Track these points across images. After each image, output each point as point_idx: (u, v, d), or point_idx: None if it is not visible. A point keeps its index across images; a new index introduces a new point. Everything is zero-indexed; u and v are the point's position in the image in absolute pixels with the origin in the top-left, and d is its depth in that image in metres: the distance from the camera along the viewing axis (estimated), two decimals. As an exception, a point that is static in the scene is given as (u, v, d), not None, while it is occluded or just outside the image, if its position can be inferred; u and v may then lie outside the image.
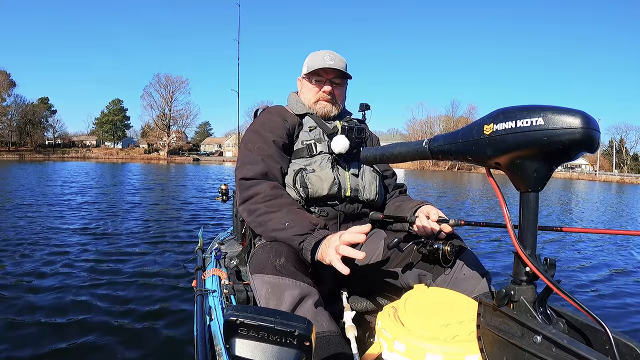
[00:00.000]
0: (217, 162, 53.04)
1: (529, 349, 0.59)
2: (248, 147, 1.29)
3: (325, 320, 0.94)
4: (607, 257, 4.52)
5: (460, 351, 0.72)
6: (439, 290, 0.94)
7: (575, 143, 0.54)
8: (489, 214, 8.56)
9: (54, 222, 5.21)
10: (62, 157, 50.98)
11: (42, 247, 3.82)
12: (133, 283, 2.87)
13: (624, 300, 3.06)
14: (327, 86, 1.38)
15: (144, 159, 54.49)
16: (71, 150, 61.02)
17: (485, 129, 0.61)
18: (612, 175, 51.13)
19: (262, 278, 1.00)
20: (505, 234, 5.10)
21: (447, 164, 50.65)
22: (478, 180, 28.86)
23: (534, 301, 0.63)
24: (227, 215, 6.22)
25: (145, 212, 6.50)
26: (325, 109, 1.40)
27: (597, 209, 10.82)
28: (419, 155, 0.76)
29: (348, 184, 1.31)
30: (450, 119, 64.35)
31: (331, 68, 1.35)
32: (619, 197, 17.60)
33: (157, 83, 60.05)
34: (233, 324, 0.62)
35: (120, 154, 60.76)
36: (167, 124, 60.88)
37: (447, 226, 1.14)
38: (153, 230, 4.90)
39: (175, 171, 23.03)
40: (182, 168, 29.30)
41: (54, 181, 12.55)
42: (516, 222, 0.65)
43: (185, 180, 15.27)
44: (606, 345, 0.58)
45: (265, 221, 1.14)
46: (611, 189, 26.91)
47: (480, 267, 1.15)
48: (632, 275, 3.84)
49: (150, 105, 59.88)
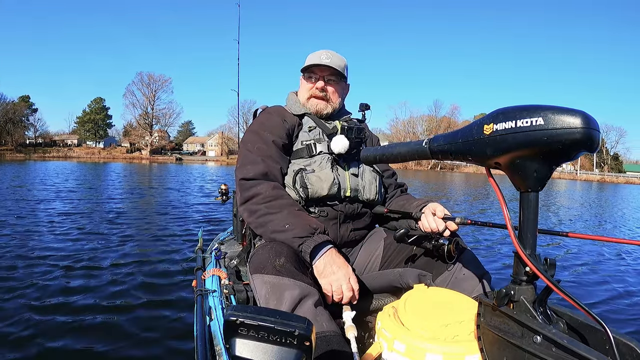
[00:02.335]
0: (200, 162, 52.45)
1: (529, 349, 0.59)
2: (248, 147, 1.29)
3: (325, 320, 0.94)
4: (607, 257, 4.52)
5: (460, 351, 0.72)
6: (439, 290, 0.94)
7: (576, 143, 0.54)
8: (476, 213, 8.56)
9: (50, 222, 5.20)
10: (43, 157, 49.86)
11: (40, 247, 3.82)
12: (133, 283, 2.86)
13: (624, 301, 3.06)
14: (320, 82, 1.37)
15: (126, 159, 53.63)
16: (52, 150, 59.04)
17: (485, 129, 0.61)
18: (592, 174, 51.65)
19: (262, 278, 1.00)
20: (506, 234, 5.10)
21: (429, 163, 51.08)
22: (460, 179, 29.01)
23: (534, 301, 0.63)
24: (227, 215, 6.22)
25: (144, 212, 6.49)
26: (318, 107, 1.38)
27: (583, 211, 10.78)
28: (419, 155, 0.76)
29: (348, 184, 1.31)
30: (433, 118, 65.12)
31: (325, 65, 1.34)
32: (601, 196, 17.70)
33: (140, 81, 59.36)
34: (233, 324, 0.62)
35: (102, 153, 59.59)
36: (150, 123, 59.95)
37: (453, 224, 1.14)
38: (153, 231, 4.90)
39: (158, 171, 22.57)
40: (165, 168, 28.74)
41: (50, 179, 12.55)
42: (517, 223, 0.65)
43: (177, 180, 15.21)
44: (606, 345, 0.58)
45: (266, 222, 1.14)
46: (592, 188, 27.16)
47: (480, 267, 1.16)
48: (632, 275, 3.84)
49: (132, 103, 59.23)
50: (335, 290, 1.05)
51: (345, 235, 1.32)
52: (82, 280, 2.89)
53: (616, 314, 2.78)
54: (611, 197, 17.49)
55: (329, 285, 1.05)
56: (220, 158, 59.56)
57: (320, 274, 1.06)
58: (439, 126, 63.17)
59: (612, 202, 14.28)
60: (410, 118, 67.13)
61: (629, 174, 56.49)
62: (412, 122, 66.40)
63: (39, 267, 3.14)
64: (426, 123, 65.13)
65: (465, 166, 52.15)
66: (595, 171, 53.48)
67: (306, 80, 1.40)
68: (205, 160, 56.96)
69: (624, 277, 3.73)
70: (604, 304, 2.97)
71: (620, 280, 3.61)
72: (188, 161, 53.73)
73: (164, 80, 59.91)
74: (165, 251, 3.86)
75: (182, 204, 7.75)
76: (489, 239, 5.08)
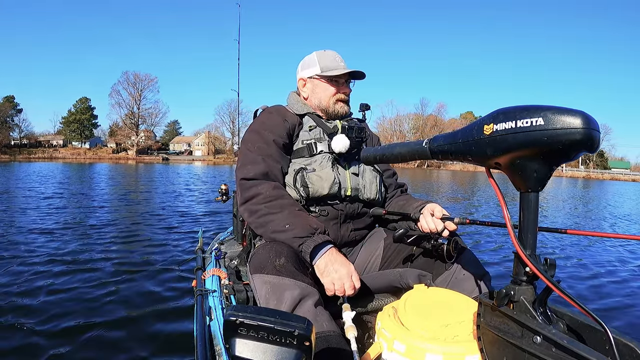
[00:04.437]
0: (187, 162, 51.64)
1: (529, 349, 0.59)
2: (248, 147, 1.29)
3: (325, 320, 0.94)
4: (606, 257, 4.52)
5: (460, 351, 0.72)
6: (439, 290, 0.94)
7: (576, 143, 0.54)
8: (467, 208, 8.56)
9: (48, 222, 5.20)
10: (28, 158, 48.71)
11: (39, 247, 3.82)
12: (133, 283, 2.86)
13: (624, 301, 3.05)
14: (347, 88, 1.41)
15: (112, 159, 52.44)
16: (38, 151, 57.79)
17: (485, 129, 0.61)
18: (578, 171, 51.70)
19: (262, 278, 1.00)
20: (505, 234, 5.10)
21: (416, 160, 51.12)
22: (447, 177, 29.02)
23: (533, 301, 0.63)
24: (227, 215, 6.22)
25: (143, 213, 6.49)
26: (345, 109, 1.42)
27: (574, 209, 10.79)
28: (419, 155, 0.76)
29: (348, 183, 1.31)
30: (420, 117, 65.32)
31: (352, 70, 1.37)
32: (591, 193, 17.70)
33: (126, 81, 58.36)
34: (233, 324, 0.62)
35: (88, 153, 58.03)
36: (136, 122, 59.06)
37: (452, 224, 1.14)
38: (152, 231, 4.90)
39: (148, 172, 22.08)
40: (153, 168, 28.05)
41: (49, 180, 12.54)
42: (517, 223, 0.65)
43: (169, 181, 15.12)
44: (606, 345, 0.58)
45: (266, 222, 1.14)
46: (578, 184, 27.26)
47: (480, 267, 1.16)
48: (632, 274, 3.84)
49: (118, 103, 58.22)
50: (337, 289, 1.05)
51: (346, 235, 1.33)
52: (81, 280, 2.89)
53: (616, 313, 2.78)
54: (603, 195, 17.45)
55: (331, 284, 1.05)
56: (207, 158, 58.84)
57: (322, 273, 1.06)
58: (425, 124, 63.56)
59: (608, 200, 14.27)
60: (397, 116, 67.62)
61: (614, 170, 56.73)
62: (399, 120, 66.95)
63: (38, 267, 3.15)
64: (413, 121, 65.56)
65: (452, 164, 51.91)
66: (580, 168, 53.41)
67: (330, 84, 1.39)
68: (192, 160, 56.12)
69: (624, 277, 3.73)
70: (604, 304, 2.96)
71: (620, 280, 3.61)
72: (175, 161, 52.82)
73: (150, 80, 59.08)
74: (164, 251, 3.86)
75: (181, 204, 7.75)
76: (488, 239, 5.08)
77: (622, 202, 13.48)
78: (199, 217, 6.15)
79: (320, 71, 1.38)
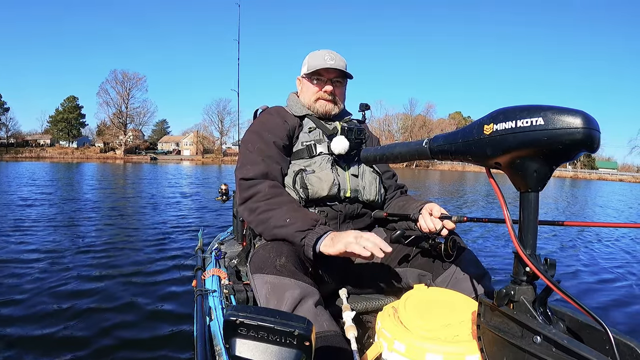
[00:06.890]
0: (175, 161, 50.84)
1: (529, 349, 0.59)
2: (248, 147, 1.29)
3: (325, 320, 0.94)
4: (607, 257, 4.52)
5: (461, 351, 0.72)
6: (439, 290, 0.94)
7: (576, 143, 0.54)
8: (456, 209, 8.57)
9: (48, 221, 5.20)
10: (15, 157, 47.97)
11: (39, 247, 3.82)
12: (132, 283, 2.87)
13: (624, 300, 3.05)
14: (329, 86, 1.38)
15: (100, 159, 52.12)
16: (25, 150, 56.29)
17: (485, 129, 0.61)
18: (565, 171, 51.49)
19: (263, 278, 0.99)
20: (505, 233, 5.10)
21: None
22: (435, 176, 29.01)
23: (534, 301, 0.63)
24: (227, 215, 6.22)
25: (143, 213, 6.49)
26: (326, 107, 1.39)
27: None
28: (419, 155, 0.76)
29: (348, 184, 1.31)
30: (408, 117, 65.21)
31: (332, 68, 1.35)
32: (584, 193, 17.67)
33: (114, 79, 57.29)
34: (233, 324, 0.62)
35: (76, 153, 57.61)
36: (124, 122, 58.36)
37: (450, 222, 1.14)
38: (152, 231, 4.90)
39: (139, 172, 21.75)
40: (142, 168, 27.48)
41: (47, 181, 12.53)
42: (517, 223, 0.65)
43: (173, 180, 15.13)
44: (606, 345, 0.58)
45: (267, 219, 1.14)
46: (566, 184, 27.34)
47: (480, 267, 1.16)
48: (632, 274, 3.84)
49: (106, 102, 57.35)
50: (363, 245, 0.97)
51: None
52: (81, 280, 2.89)
53: (616, 313, 2.78)
54: (594, 195, 17.43)
55: (344, 248, 0.98)
56: (196, 157, 58.19)
57: (330, 246, 1.01)
58: (414, 124, 63.54)
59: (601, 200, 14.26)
60: (385, 116, 67.18)
61: (601, 170, 56.86)
62: (388, 120, 66.63)
63: (38, 267, 3.15)
64: (401, 121, 65.53)
65: (440, 164, 51.54)
66: (568, 168, 53.12)
67: (312, 83, 1.39)
68: (180, 160, 55.37)
69: (624, 277, 3.73)
70: (604, 303, 2.97)
71: (620, 279, 3.61)
72: (163, 161, 52.01)
73: (138, 79, 58.24)
74: (164, 251, 3.86)
75: (181, 204, 7.75)
76: (488, 239, 5.08)
77: (617, 202, 13.45)
78: (198, 217, 6.16)
79: (307, 70, 1.39)
